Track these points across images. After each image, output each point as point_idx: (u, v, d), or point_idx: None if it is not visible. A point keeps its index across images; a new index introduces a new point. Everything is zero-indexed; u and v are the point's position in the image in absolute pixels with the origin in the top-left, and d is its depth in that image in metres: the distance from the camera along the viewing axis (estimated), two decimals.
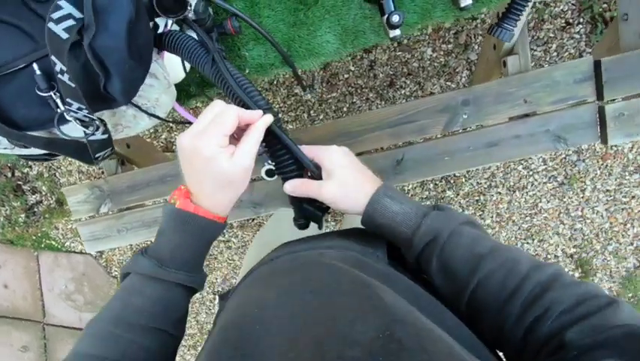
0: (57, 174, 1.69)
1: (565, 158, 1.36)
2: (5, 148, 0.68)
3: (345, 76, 1.35)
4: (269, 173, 0.96)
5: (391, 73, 1.33)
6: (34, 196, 1.76)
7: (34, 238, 1.79)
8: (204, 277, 0.45)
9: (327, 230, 0.62)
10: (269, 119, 0.43)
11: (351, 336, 0.25)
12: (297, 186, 0.47)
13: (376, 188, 0.43)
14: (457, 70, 1.31)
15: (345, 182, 0.44)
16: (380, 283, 0.32)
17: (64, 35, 0.40)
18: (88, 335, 0.39)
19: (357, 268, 0.35)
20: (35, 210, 1.76)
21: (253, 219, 1.53)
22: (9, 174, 1.74)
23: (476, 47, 1.28)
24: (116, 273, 1.75)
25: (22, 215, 1.78)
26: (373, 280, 0.33)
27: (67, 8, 0.40)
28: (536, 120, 0.93)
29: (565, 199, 1.38)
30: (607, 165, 1.35)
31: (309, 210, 0.50)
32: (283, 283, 0.35)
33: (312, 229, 0.73)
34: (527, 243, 1.45)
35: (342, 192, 0.44)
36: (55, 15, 0.40)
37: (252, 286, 0.40)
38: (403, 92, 1.35)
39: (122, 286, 0.42)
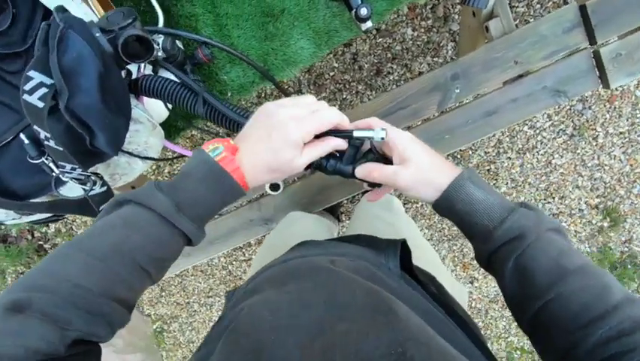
0: (73, 227, 1.72)
1: (570, 109, 1.32)
2: (14, 218, 0.70)
3: (331, 74, 1.34)
4: (273, 187, 0.96)
5: (376, 61, 1.32)
6: None
7: None
8: (204, 235, 0.42)
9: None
10: (343, 143, 0.42)
11: (363, 351, 0.25)
12: (370, 171, 0.43)
13: (458, 172, 0.41)
14: (441, 44, 1.29)
15: (423, 168, 0.41)
16: (395, 298, 0.31)
17: (40, 104, 0.40)
18: (74, 261, 0.34)
19: (371, 281, 0.34)
20: None
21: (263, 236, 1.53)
22: (29, 237, 1.79)
23: (456, 16, 1.25)
24: (148, 311, 1.78)
25: None
26: (388, 294, 0.32)
27: (37, 77, 0.40)
28: (531, 79, 0.90)
29: (578, 151, 1.34)
30: (615, 108, 1.30)
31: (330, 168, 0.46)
32: (295, 289, 0.35)
33: (325, 233, 0.72)
34: (548, 202, 1.41)
35: (419, 178, 0.41)
36: (28, 86, 0.40)
37: (262, 287, 0.39)
38: (391, 77, 1.33)
39: (123, 215, 0.37)
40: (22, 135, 0.55)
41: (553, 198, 1.41)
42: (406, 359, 0.24)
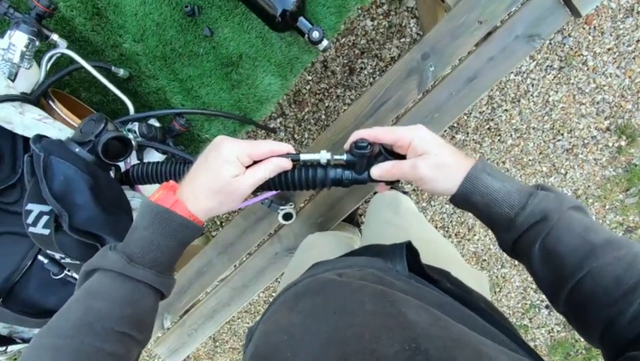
0: None
1: (550, 43, 1.29)
2: None
3: (307, 87, 1.34)
4: (286, 217, 0.96)
5: (346, 61, 1.31)
6: None
7: None
8: (173, 282, 0.42)
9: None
10: (287, 163, 0.43)
11: (378, 351, 0.26)
12: (388, 169, 0.43)
13: (472, 163, 0.40)
14: (403, 24, 1.28)
15: (442, 161, 0.41)
16: (403, 298, 0.32)
17: (46, 232, 0.42)
18: (44, 348, 0.33)
19: (379, 285, 0.35)
20: None
21: None
22: None
23: None
24: None
25: None
26: (396, 294, 0.33)
27: (36, 208, 0.41)
28: (500, 33, 0.88)
29: (572, 81, 1.31)
30: (595, 27, 1.26)
31: (347, 180, 0.46)
32: (306, 306, 0.36)
33: (342, 248, 0.72)
34: (558, 140, 1.38)
35: (438, 171, 0.40)
36: (30, 219, 0.42)
37: (277, 312, 0.39)
38: (365, 72, 1.32)
39: (87, 286, 0.37)
40: (40, 257, 0.57)
41: (562, 134, 1.38)
42: (420, 352, 0.25)
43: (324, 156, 0.44)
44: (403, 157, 0.44)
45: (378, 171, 0.44)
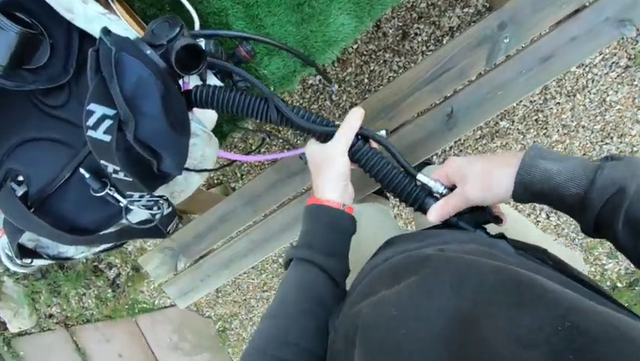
0: (124, 244, 1.76)
1: (622, 39, 1.20)
2: (83, 252, 0.69)
3: (354, 47, 1.26)
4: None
5: (400, 24, 1.23)
6: (112, 271, 1.85)
7: (126, 307, 1.90)
8: (341, 268, 0.46)
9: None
10: (359, 112, 0.49)
11: (525, 336, 0.21)
12: (440, 209, 0.45)
13: (521, 156, 0.38)
14: None
15: (481, 172, 0.41)
16: (528, 271, 0.27)
17: (107, 138, 0.37)
18: (296, 327, 0.39)
19: (489, 259, 0.31)
20: (118, 282, 1.86)
21: None
22: (84, 260, 1.85)
23: None
24: (208, 313, 1.83)
25: (109, 290, 1.88)
26: (518, 268, 0.28)
27: (99, 110, 0.37)
28: (589, 12, 0.80)
29: (635, 82, 1.23)
30: None
31: (470, 224, 0.46)
32: (411, 281, 0.32)
33: (390, 219, 0.68)
34: (606, 143, 1.31)
35: (485, 183, 0.40)
36: (91, 121, 0.37)
37: (375, 287, 0.36)
38: (419, 39, 1.24)
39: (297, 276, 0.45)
40: (81, 170, 0.53)
41: (612, 138, 1.31)
42: (580, 332, 0.20)
43: (437, 187, 0.47)
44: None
45: (433, 214, 0.46)
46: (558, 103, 1.28)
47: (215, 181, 1.55)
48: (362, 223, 0.87)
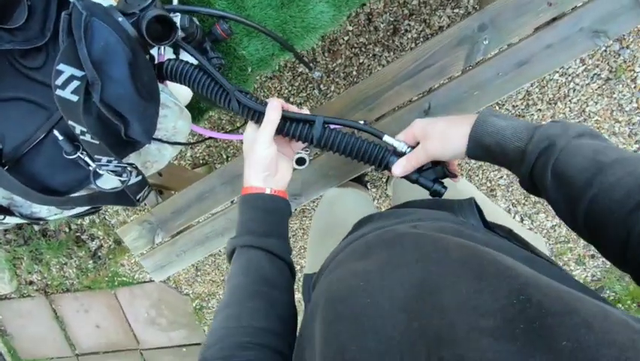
0: (106, 216, 1.78)
1: (605, 50, 1.23)
2: (56, 214, 0.71)
3: (345, 38, 1.28)
4: (299, 161, 0.95)
5: (392, 20, 1.24)
6: (94, 242, 1.87)
7: (106, 279, 1.92)
8: (282, 246, 0.49)
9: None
10: (275, 102, 0.49)
11: (481, 307, 0.23)
12: (404, 165, 0.49)
13: (477, 116, 0.43)
14: None
15: (441, 130, 0.45)
16: (492, 250, 0.29)
17: (74, 98, 0.39)
18: (250, 309, 0.42)
19: (459, 237, 0.32)
20: (99, 254, 1.88)
21: (295, 209, 1.54)
22: (67, 230, 1.87)
23: None
24: (187, 290, 1.86)
25: (90, 261, 1.91)
26: (484, 247, 0.30)
27: (67, 70, 0.39)
28: (567, 21, 0.83)
29: (615, 95, 1.26)
30: None
31: (429, 179, 0.51)
32: (382, 255, 0.34)
33: (369, 203, 0.70)
34: None
35: (444, 139, 0.45)
36: (59, 81, 0.39)
37: (346, 261, 0.38)
38: (409, 35, 1.26)
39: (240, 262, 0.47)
40: (55, 132, 0.55)
41: None
42: (532, 305, 0.21)
43: (402, 146, 0.51)
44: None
45: (399, 168, 0.49)
46: (539, 109, 1.31)
47: (201, 161, 1.57)
48: (340, 205, 0.90)
